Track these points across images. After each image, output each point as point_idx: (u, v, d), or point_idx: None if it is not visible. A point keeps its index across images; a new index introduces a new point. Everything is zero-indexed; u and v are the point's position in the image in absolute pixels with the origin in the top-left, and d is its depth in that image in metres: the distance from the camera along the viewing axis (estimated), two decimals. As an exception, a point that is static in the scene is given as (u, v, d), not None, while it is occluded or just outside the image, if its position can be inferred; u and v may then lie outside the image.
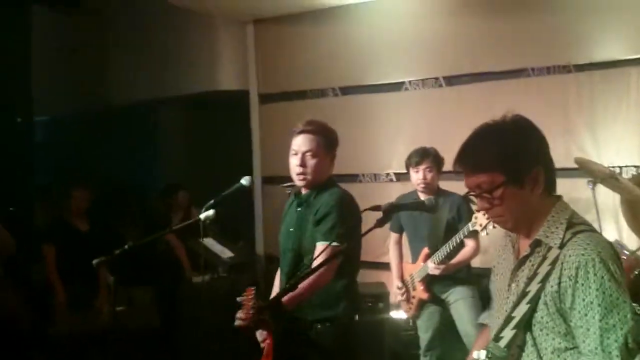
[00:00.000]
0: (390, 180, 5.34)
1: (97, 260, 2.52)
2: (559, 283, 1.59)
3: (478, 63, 4.83)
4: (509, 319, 1.67)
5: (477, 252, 3.73)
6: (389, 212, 2.13)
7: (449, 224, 3.74)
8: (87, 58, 6.84)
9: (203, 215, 2.70)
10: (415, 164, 3.77)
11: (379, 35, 5.31)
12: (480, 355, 1.68)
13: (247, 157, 5.87)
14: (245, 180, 2.86)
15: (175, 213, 5.53)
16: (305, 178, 2.74)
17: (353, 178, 5.34)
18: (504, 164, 1.64)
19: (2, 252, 4.11)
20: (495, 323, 1.76)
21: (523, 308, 1.65)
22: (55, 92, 6.99)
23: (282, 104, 5.81)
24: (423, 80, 5.14)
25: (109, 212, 5.63)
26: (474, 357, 1.70)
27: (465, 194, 1.77)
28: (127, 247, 2.52)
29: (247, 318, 2.31)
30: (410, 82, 5.21)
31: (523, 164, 1.66)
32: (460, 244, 3.67)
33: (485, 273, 2.27)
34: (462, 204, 3.66)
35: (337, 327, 2.67)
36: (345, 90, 5.54)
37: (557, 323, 1.61)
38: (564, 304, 1.59)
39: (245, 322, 2.32)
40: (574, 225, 1.66)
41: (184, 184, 5.75)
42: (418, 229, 3.86)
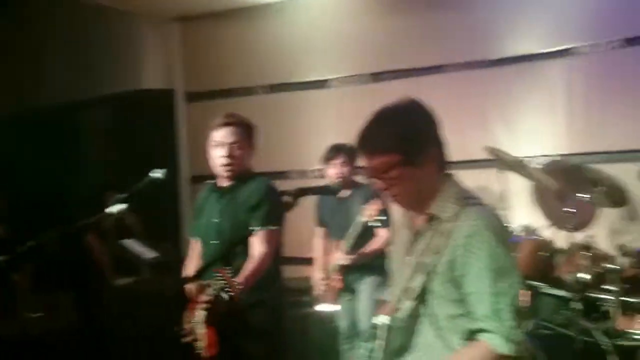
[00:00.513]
0: (319, 176, 5.39)
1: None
2: (452, 253, 1.67)
3: (399, 60, 4.97)
4: (407, 291, 1.74)
5: (388, 242, 3.78)
6: (297, 196, 2.19)
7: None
8: (6, 59, 6.59)
9: (115, 209, 2.65)
10: (330, 159, 3.90)
11: (305, 33, 5.37)
12: (382, 320, 1.73)
13: (174, 156, 5.80)
14: (158, 173, 2.84)
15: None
16: (232, 169, 2.81)
17: (281, 175, 5.36)
18: (400, 145, 1.71)
19: None
20: (395, 296, 1.82)
21: (419, 279, 1.72)
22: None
23: (209, 103, 5.77)
24: (348, 77, 5.25)
25: (28, 217, 5.43)
26: (377, 322, 1.76)
27: (366, 176, 1.83)
28: (29, 245, 2.44)
29: (236, 293, 2.32)
30: (336, 79, 5.30)
31: (417, 145, 1.73)
32: (370, 234, 3.76)
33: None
34: (373, 195, 3.74)
35: (270, 309, 2.77)
36: (273, 88, 5.57)
37: (450, 291, 1.68)
38: (457, 272, 1.67)
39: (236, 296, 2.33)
40: (465, 199, 1.75)
41: (111, 185, 5.60)
42: (336, 222, 3.94)
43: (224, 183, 2.88)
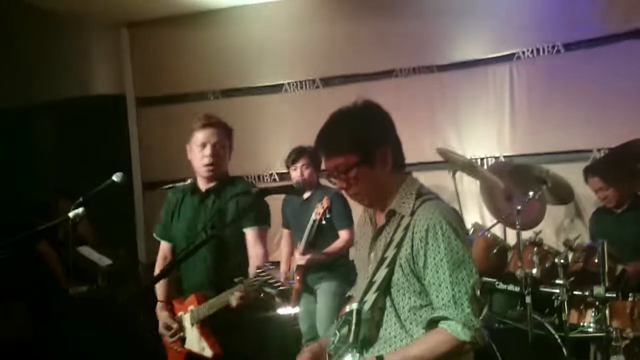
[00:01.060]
0: (274, 180, 5.43)
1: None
2: (412, 246, 1.75)
3: (350, 65, 5.09)
4: (371, 284, 1.81)
5: (349, 243, 3.83)
6: (260, 196, 2.24)
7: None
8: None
9: (72, 214, 2.62)
10: (293, 162, 3.94)
11: (258, 39, 5.41)
12: (353, 306, 1.79)
13: (126, 162, 5.71)
14: (117, 177, 2.82)
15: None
16: (215, 169, 2.79)
17: (237, 180, 5.36)
18: (357, 146, 1.79)
19: None
20: (360, 291, 1.89)
21: (382, 272, 1.79)
22: None
23: (161, 108, 5.73)
24: (301, 82, 5.32)
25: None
26: (347, 309, 1.81)
27: (326, 177, 1.89)
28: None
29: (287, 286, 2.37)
30: (289, 83, 5.37)
31: (373, 145, 1.80)
32: (333, 236, 3.83)
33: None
34: (334, 196, 3.80)
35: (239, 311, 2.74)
36: (226, 93, 5.59)
37: (412, 283, 1.76)
38: (417, 265, 1.74)
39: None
40: (422, 195, 1.83)
41: (64, 192, 5.46)
42: (299, 223, 3.98)
43: (205, 185, 2.84)
